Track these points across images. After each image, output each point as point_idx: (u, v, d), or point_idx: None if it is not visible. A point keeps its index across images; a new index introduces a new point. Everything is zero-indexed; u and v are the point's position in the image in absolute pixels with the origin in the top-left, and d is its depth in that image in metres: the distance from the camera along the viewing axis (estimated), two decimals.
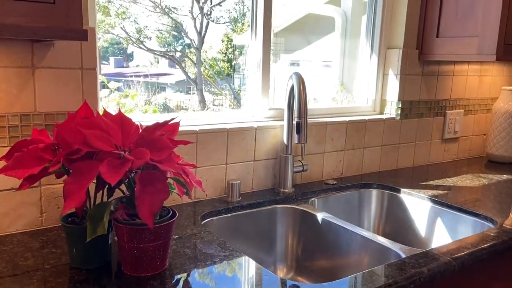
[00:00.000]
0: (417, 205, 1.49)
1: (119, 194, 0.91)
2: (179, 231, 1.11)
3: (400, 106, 1.77)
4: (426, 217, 1.46)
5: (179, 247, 1.02)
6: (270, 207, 1.37)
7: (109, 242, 0.92)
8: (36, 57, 1.03)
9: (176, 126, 0.91)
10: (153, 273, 0.88)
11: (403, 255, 1.04)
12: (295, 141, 1.31)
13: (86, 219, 0.84)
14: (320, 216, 1.30)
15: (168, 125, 0.88)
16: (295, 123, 1.29)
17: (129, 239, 0.85)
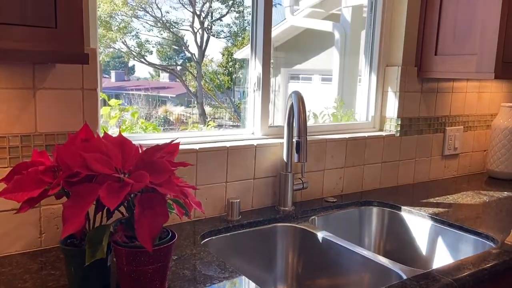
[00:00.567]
0: (418, 223, 1.49)
1: (118, 215, 0.91)
2: (179, 251, 1.10)
3: (399, 123, 1.78)
4: (427, 236, 1.46)
5: (179, 268, 1.01)
6: (270, 226, 1.36)
7: (108, 264, 0.91)
8: (37, 79, 1.04)
9: (176, 147, 0.91)
10: None
11: (404, 275, 1.04)
12: (295, 160, 1.31)
13: (85, 241, 0.83)
14: (320, 235, 1.30)
15: (168, 146, 0.88)
16: (295, 142, 1.29)
17: (128, 262, 0.84)
